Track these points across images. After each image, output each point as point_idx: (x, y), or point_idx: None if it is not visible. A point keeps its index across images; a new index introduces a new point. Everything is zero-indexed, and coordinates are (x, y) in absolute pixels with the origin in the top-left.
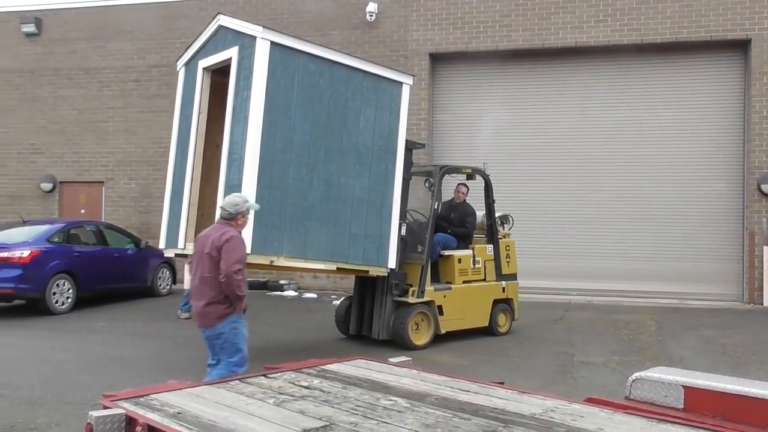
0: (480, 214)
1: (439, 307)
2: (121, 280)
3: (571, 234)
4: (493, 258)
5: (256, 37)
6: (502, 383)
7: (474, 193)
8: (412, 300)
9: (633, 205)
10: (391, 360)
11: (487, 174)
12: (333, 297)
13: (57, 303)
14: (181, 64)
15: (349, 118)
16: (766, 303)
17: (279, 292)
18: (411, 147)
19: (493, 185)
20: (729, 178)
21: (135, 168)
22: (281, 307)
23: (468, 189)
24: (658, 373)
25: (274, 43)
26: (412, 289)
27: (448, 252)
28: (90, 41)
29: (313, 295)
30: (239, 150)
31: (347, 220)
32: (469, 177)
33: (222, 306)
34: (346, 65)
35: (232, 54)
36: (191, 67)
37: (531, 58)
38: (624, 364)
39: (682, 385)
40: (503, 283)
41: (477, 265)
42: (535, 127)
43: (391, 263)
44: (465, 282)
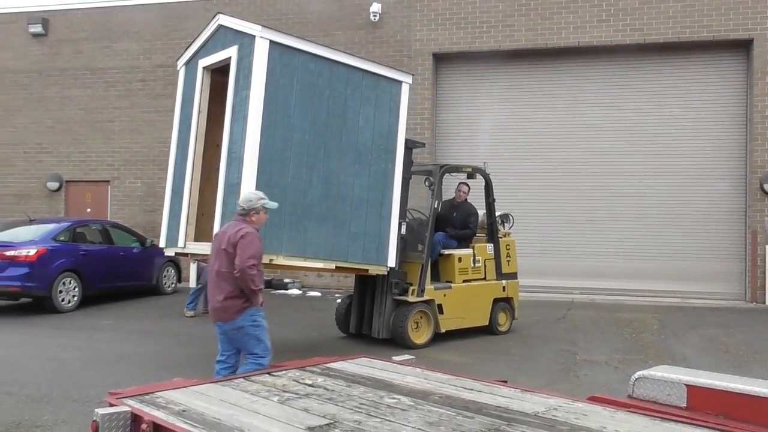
0: (480, 213)
1: (439, 306)
2: (126, 279)
3: (573, 233)
4: (493, 257)
5: (255, 36)
6: (505, 381)
7: (474, 193)
8: (412, 299)
9: (636, 204)
10: (395, 358)
11: (488, 173)
12: (337, 295)
13: (63, 301)
14: (181, 63)
15: (348, 117)
16: None
17: (283, 291)
18: (411, 146)
19: (494, 184)
20: (731, 177)
21: (141, 167)
22: (285, 306)
23: (469, 188)
24: (660, 372)
25: (273, 42)
26: (412, 287)
27: (448, 251)
28: (96, 41)
29: (317, 293)
30: (238, 149)
31: (347, 219)
32: (469, 176)
33: (240, 300)
34: (346, 64)
35: (232, 53)
36: (191, 66)
37: (533, 57)
38: (627, 363)
39: (685, 384)
40: (503, 282)
41: (477, 264)
42: (538, 127)
43: (391, 262)
44: (465, 281)
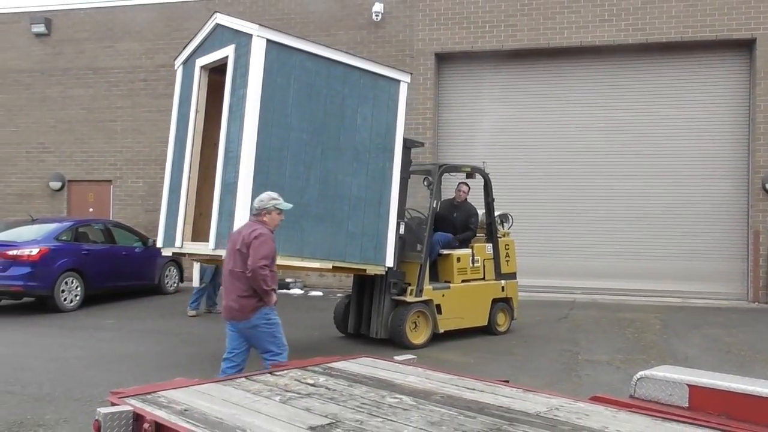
0: (480, 213)
1: (438, 306)
2: (128, 278)
3: (576, 233)
4: (492, 257)
5: (252, 35)
6: (507, 381)
7: (474, 193)
8: (410, 299)
9: (638, 203)
10: (397, 358)
11: (487, 173)
12: (339, 295)
13: (65, 300)
14: (178, 62)
15: (346, 116)
16: None
17: (285, 290)
18: (410, 145)
19: (497, 184)
20: (734, 177)
21: (143, 167)
22: (287, 305)
23: (469, 188)
24: (662, 372)
25: (270, 41)
26: (410, 288)
27: (446, 251)
28: (99, 41)
29: (318, 293)
30: (235, 148)
31: (344, 219)
32: (468, 176)
33: (254, 299)
34: (344, 63)
35: (229, 52)
36: (189, 65)
37: (536, 57)
38: (629, 363)
39: (687, 384)
40: (502, 282)
41: (476, 264)
42: (540, 127)
43: (389, 262)
44: (464, 281)
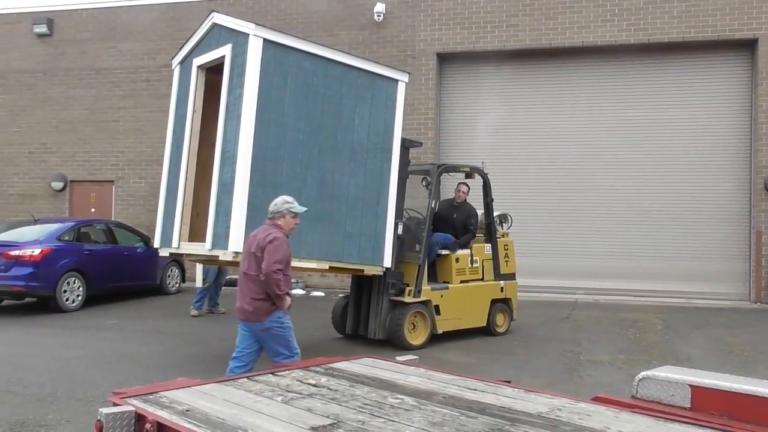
0: (479, 213)
1: (436, 306)
2: (130, 279)
3: (577, 233)
4: (491, 257)
5: (248, 34)
6: (509, 382)
7: (473, 193)
8: (408, 299)
9: (640, 204)
10: (398, 358)
11: (486, 173)
12: (340, 295)
13: (67, 301)
14: (176, 62)
15: (343, 116)
16: None
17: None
18: (408, 145)
19: (499, 184)
20: (736, 177)
21: (145, 167)
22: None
23: (469, 188)
24: (664, 372)
25: (267, 41)
26: (408, 288)
27: (445, 251)
28: (101, 42)
29: (320, 293)
30: (232, 148)
31: (342, 219)
32: (467, 176)
33: (268, 303)
34: (341, 62)
35: (226, 52)
36: (186, 65)
37: (538, 57)
38: (630, 363)
39: (689, 384)
40: (501, 282)
41: (475, 265)
42: (542, 127)
43: (387, 262)
44: (462, 281)
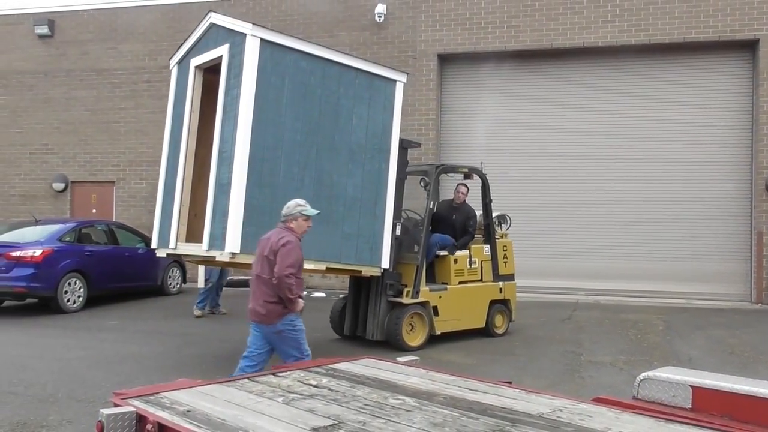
0: (478, 213)
1: (435, 307)
2: (131, 279)
3: (579, 234)
4: (490, 258)
5: (246, 34)
6: (510, 382)
7: (472, 193)
8: (406, 300)
9: (641, 204)
10: (399, 359)
11: (484, 173)
12: (341, 296)
13: (68, 302)
14: (173, 62)
15: (341, 116)
16: None
17: None
18: (406, 146)
19: (500, 184)
20: (737, 177)
21: (146, 168)
22: None
23: (468, 189)
24: (665, 373)
25: (264, 41)
26: (407, 289)
27: (443, 252)
28: (102, 43)
29: (321, 294)
30: (229, 148)
31: (339, 219)
32: (466, 176)
33: (280, 306)
34: (339, 63)
35: (223, 52)
36: (184, 65)
37: (539, 58)
38: (631, 364)
39: (690, 385)
40: (500, 283)
41: (473, 266)
42: (543, 127)
43: (385, 263)
44: (461, 282)
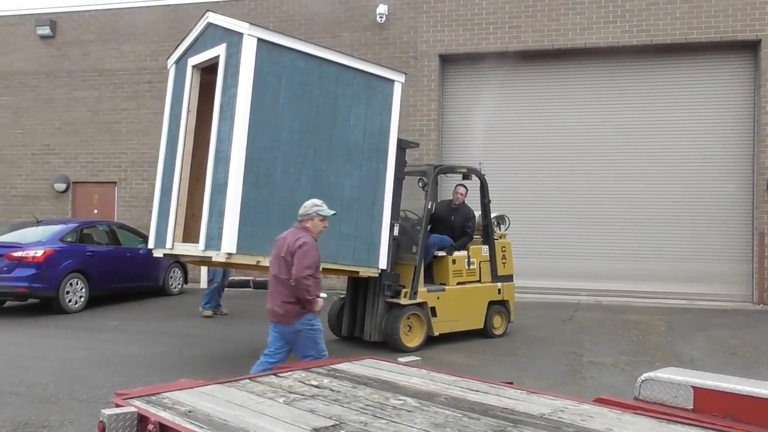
0: (476, 214)
1: (433, 308)
2: (133, 280)
3: (580, 234)
4: (488, 259)
5: (243, 34)
6: (511, 383)
7: (471, 194)
8: (404, 301)
9: (642, 205)
10: (401, 360)
11: (483, 174)
12: (341, 296)
13: (70, 302)
14: (171, 61)
15: (339, 116)
16: None
17: None
18: (405, 146)
19: (501, 185)
20: (739, 178)
21: (147, 169)
22: None
23: (467, 190)
24: (667, 374)
25: (261, 40)
26: (404, 290)
27: (441, 253)
28: (104, 43)
29: (323, 294)
30: (226, 148)
31: (337, 220)
32: (465, 177)
33: (298, 306)
34: (337, 63)
35: (220, 51)
36: (181, 65)
37: (540, 59)
38: (633, 365)
39: (692, 386)
40: (499, 284)
41: (472, 266)
42: (544, 128)
43: (382, 264)
44: (459, 283)
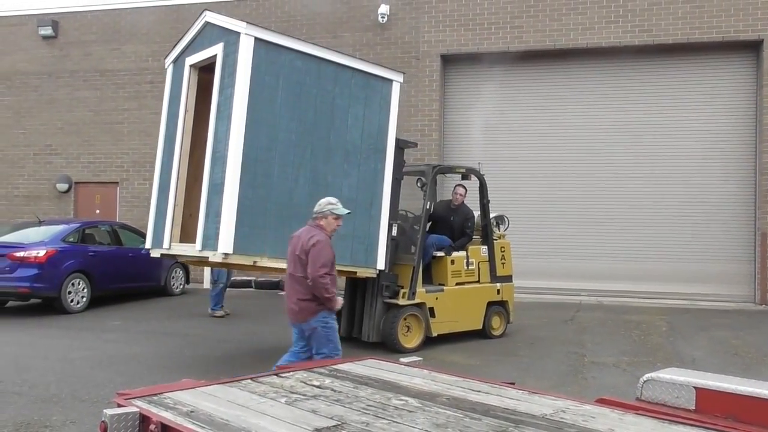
0: (475, 214)
1: (431, 309)
2: (135, 280)
3: (582, 234)
4: (487, 259)
5: (240, 33)
6: (512, 383)
7: (469, 194)
8: (402, 302)
9: (644, 205)
10: (402, 360)
11: (482, 174)
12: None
13: (72, 302)
14: (168, 61)
15: (336, 116)
16: None
17: None
18: (403, 146)
19: (502, 185)
20: (741, 178)
21: (149, 169)
22: None
23: (466, 190)
24: (669, 374)
25: (258, 40)
26: (402, 290)
27: (440, 253)
28: (105, 44)
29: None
30: (223, 148)
31: None
32: (464, 177)
33: (313, 303)
34: (334, 62)
35: (218, 50)
36: (179, 64)
37: (542, 59)
38: (635, 365)
39: (694, 387)
40: (498, 285)
41: (471, 267)
42: (546, 128)
43: (380, 264)
44: (458, 284)
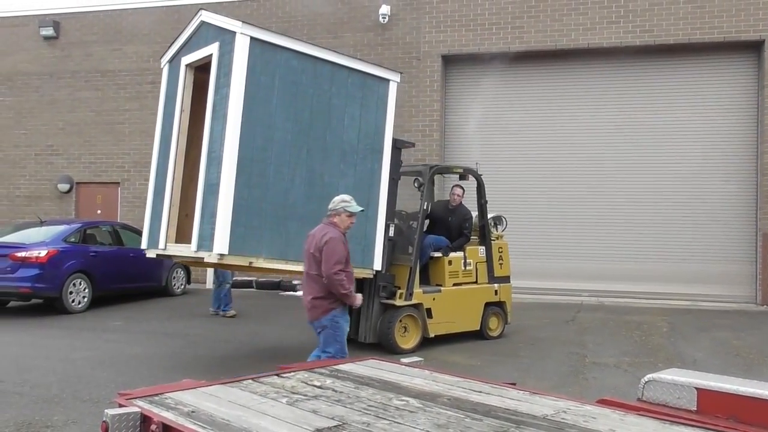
0: (473, 215)
1: (428, 309)
2: (136, 280)
3: (583, 235)
4: (485, 260)
5: (235, 32)
6: (514, 384)
7: (468, 194)
8: (399, 302)
9: (645, 206)
10: (403, 360)
11: (480, 174)
12: None
13: (73, 302)
14: (164, 60)
15: (333, 116)
16: None
17: (292, 293)
18: (400, 146)
19: (503, 186)
20: (742, 179)
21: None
22: (294, 308)
23: (463, 190)
24: (670, 375)
25: (254, 39)
26: (399, 291)
27: (437, 254)
28: (107, 44)
29: None
30: (218, 148)
31: None
32: (461, 177)
33: (327, 301)
34: (331, 62)
35: (213, 50)
36: (175, 63)
37: (543, 59)
38: (636, 366)
39: (695, 387)
40: (495, 285)
41: (468, 268)
42: (547, 128)
43: (377, 265)
44: (455, 284)
